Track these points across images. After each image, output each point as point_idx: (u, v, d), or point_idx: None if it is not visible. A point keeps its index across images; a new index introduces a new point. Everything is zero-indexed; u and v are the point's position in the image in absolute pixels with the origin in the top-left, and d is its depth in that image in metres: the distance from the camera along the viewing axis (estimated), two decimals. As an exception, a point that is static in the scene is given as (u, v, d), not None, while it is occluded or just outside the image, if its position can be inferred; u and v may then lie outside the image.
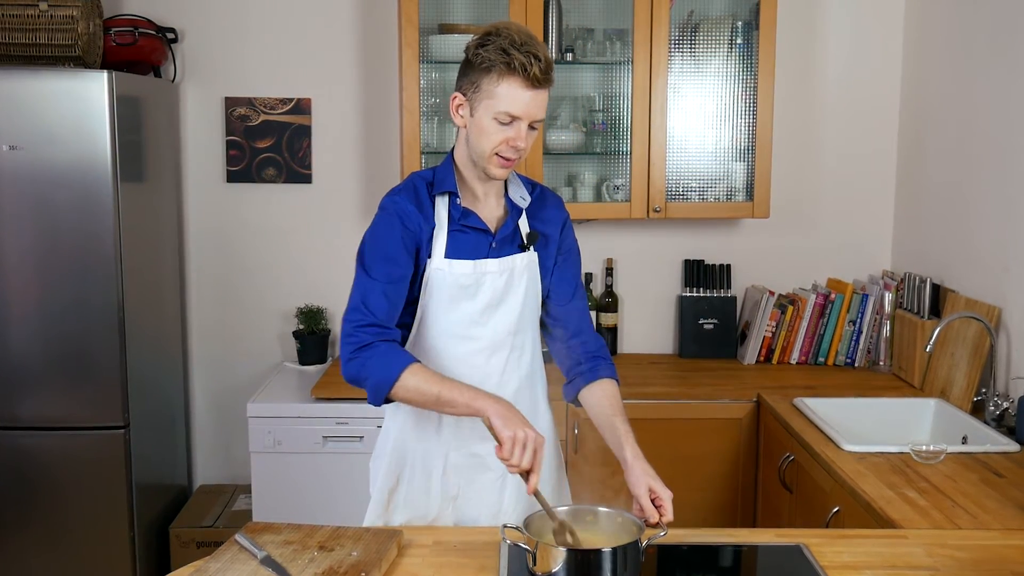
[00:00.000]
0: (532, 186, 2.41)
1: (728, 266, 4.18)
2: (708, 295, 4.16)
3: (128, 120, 3.64)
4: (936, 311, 3.66)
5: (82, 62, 3.61)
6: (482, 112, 2.16)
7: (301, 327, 4.13)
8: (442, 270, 2.26)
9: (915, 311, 3.72)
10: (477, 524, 2.35)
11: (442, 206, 2.28)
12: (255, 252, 4.23)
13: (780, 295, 4.10)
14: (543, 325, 2.47)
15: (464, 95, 2.20)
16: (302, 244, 4.22)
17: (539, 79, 2.12)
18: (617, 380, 2.41)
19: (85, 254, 3.56)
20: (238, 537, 2.06)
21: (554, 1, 3.82)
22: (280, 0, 4.11)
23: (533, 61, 2.10)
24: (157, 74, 4.07)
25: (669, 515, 2.10)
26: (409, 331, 2.32)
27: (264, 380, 4.04)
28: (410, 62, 3.72)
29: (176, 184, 4.17)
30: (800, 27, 4.10)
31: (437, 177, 2.29)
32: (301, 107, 4.14)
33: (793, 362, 4.06)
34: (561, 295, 2.42)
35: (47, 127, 3.48)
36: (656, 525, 2.07)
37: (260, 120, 4.14)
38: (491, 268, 2.29)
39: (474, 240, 2.28)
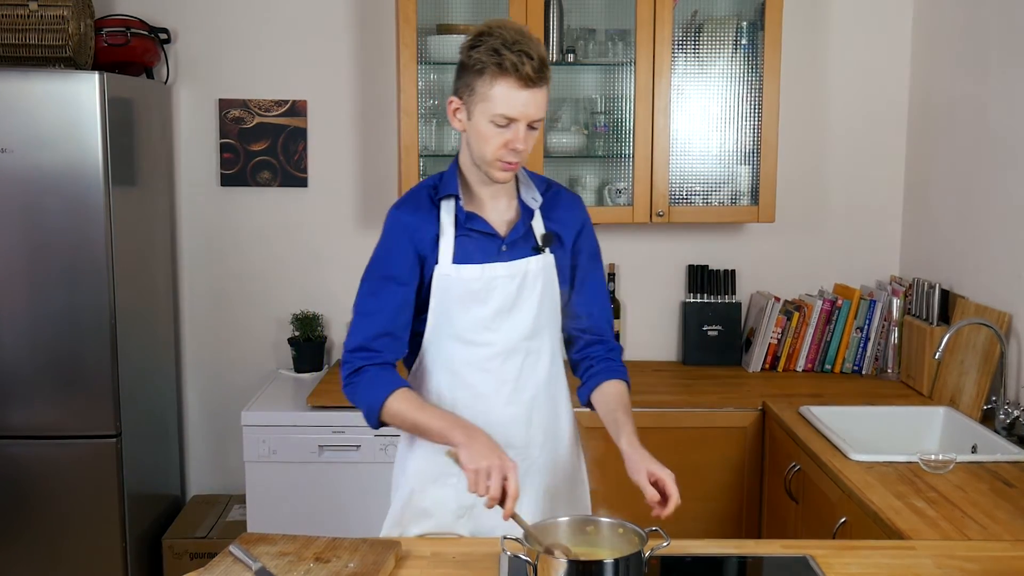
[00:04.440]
0: (547, 185, 2.38)
1: (733, 271, 4.14)
2: (712, 301, 4.12)
3: (120, 122, 3.60)
4: (945, 317, 3.63)
5: (73, 63, 3.58)
6: (479, 115, 2.14)
7: (296, 334, 4.09)
8: (449, 276, 2.25)
9: (924, 317, 3.69)
10: (493, 535, 2.31)
11: (446, 211, 2.27)
12: (249, 257, 4.20)
13: (786, 301, 4.06)
14: (563, 330, 2.45)
15: (460, 98, 2.19)
16: (298, 249, 4.19)
17: (532, 78, 2.08)
18: (628, 382, 2.40)
19: (76, 259, 3.52)
20: (232, 548, 2.05)
21: (555, 1, 3.78)
22: (275, 0, 4.07)
23: (525, 60, 2.07)
24: (150, 75, 4.03)
25: (674, 495, 2.06)
26: (422, 338, 2.32)
27: (259, 388, 3.99)
28: (408, 63, 3.69)
29: (169, 188, 4.14)
30: (806, 27, 4.07)
31: (442, 182, 2.29)
32: (296, 109, 4.10)
33: (799, 369, 4.02)
34: (584, 303, 2.42)
35: (37, 129, 3.45)
36: (663, 508, 2.05)
37: (255, 122, 4.10)
38: (500, 272, 2.26)
39: (482, 244, 2.27)
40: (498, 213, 2.30)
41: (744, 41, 3.83)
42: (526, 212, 2.31)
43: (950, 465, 2.75)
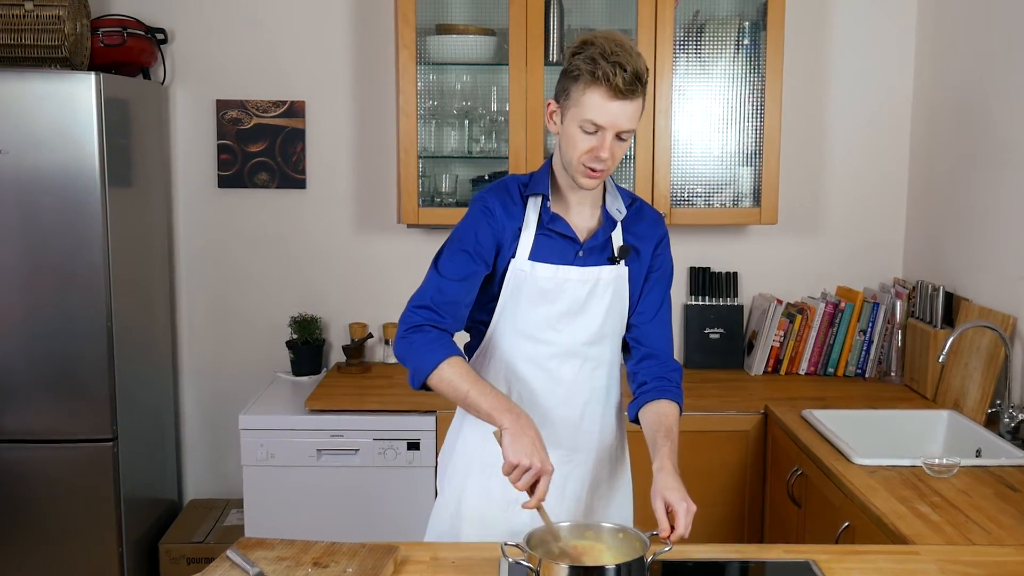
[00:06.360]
0: (631, 199, 2.41)
1: (735, 274, 4.12)
2: (714, 304, 4.11)
3: (116, 123, 3.59)
4: (949, 320, 3.61)
5: (69, 63, 3.55)
6: (570, 119, 2.20)
7: (295, 337, 4.07)
8: (524, 271, 2.30)
9: (927, 320, 3.67)
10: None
11: (532, 208, 2.32)
12: (247, 259, 4.17)
13: (788, 304, 4.04)
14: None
15: (557, 102, 2.25)
16: (296, 251, 4.16)
17: (622, 90, 2.13)
18: (680, 404, 2.38)
19: (72, 261, 3.51)
20: (230, 553, 2.05)
21: (555, 1, 3.76)
22: (273, 0, 4.05)
23: (618, 71, 2.12)
24: (146, 76, 4.01)
25: (680, 528, 2.04)
26: (487, 328, 2.37)
27: (256, 391, 3.97)
28: (407, 63, 3.67)
29: (166, 189, 4.12)
30: (809, 27, 4.05)
31: (533, 179, 2.35)
32: (295, 110, 4.07)
33: (802, 373, 4.00)
34: (644, 314, 2.42)
35: (33, 130, 3.43)
36: (666, 539, 2.02)
37: (252, 123, 4.08)
38: (572, 276, 2.31)
39: (560, 246, 2.31)
40: (581, 219, 2.34)
41: (746, 41, 3.81)
42: (608, 222, 2.34)
43: (954, 469, 2.73)
